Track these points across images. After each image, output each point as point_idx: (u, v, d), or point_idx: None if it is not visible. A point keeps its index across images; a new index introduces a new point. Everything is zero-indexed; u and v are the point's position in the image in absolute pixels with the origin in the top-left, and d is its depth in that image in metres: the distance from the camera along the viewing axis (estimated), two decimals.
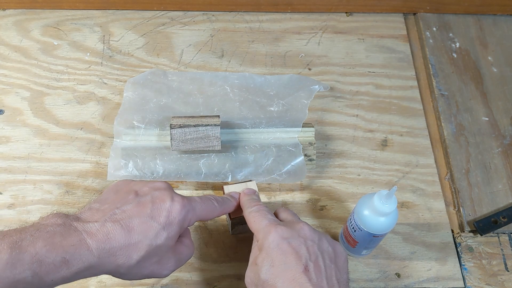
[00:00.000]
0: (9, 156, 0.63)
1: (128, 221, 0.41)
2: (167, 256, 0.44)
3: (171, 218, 0.43)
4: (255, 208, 0.50)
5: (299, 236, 0.45)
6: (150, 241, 0.42)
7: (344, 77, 0.72)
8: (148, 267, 0.43)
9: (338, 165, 0.65)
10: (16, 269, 0.36)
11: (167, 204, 0.44)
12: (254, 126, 0.64)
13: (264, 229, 0.46)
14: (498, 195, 0.64)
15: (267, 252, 0.44)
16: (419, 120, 0.69)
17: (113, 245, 0.40)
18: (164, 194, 0.44)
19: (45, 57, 0.71)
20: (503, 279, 0.58)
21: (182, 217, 0.44)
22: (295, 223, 0.47)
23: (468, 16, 0.79)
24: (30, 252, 0.37)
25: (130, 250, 0.41)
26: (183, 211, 0.44)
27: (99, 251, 0.39)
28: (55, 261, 0.37)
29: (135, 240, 0.41)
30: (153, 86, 0.67)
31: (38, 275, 0.37)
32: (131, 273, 0.43)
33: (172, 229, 0.43)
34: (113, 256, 0.40)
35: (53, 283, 0.38)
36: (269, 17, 0.78)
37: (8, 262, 0.36)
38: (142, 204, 0.43)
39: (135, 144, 0.62)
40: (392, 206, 0.48)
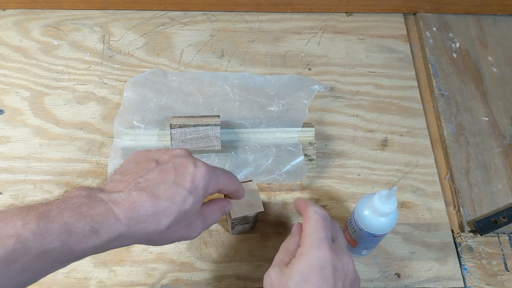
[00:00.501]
0: (9, 156, 0.63)
1: (153, 188, 0.41)
2: (195, 220, 0.44)
3: (196, 183, 0.43)
4: (321, 213, 0.47)
5: (343, 270, 0.44)
6: (178, 206, 0.41)
7: (344, 77, 0.72)
8: (177, 231, 0.43)
9: (338, 165, 0.65)
10: (45, 239, 0.35)
11: (191, 169, 0.43)
12: (254, 126, 0.64)
13: (317, 241, 0.44)
14: (498, 195, 0.64)
15: (307, 265, 0.43)
16: (419, 120, 0.69)
17: (141, 213, 0.40)
18: (186, 161, 0.44)
19: (45, 57, 0.71)
20: (503, 279, 0.58)
21: (206, 182, 0.43)
22: (345, 254, 0.45)
23: (468, 16, 0.79)
24: (58, 222, 0.36)
25: (159, 217, 0.40)
26: (207, 176, 0.44)
27: (127, 219, 0.39)
28: (83, 230, 0.37)
29: (162, 206, 0.41)
30: (153, 86, 0.67)
31: (67, 244, 0.36)
32: (162, 239, 0.42)
33: (197, 194, 0.43)
34: (142, 224, 0.40)
35: (83, 253, 0.38)
36: (269, 17, 0.78)
37: (36, 233, 0.35)
38: (165, 171, 0.43)
39: (135, 144, 0.62)
40: (392, 206, 0.48)
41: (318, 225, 0.45)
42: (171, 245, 0.58)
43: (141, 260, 0.57)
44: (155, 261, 0.57)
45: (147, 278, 0.56)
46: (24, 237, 0.35)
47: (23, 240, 0.35)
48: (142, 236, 0.40)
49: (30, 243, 0.35)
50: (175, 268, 0.57)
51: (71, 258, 0.38)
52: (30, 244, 0.35)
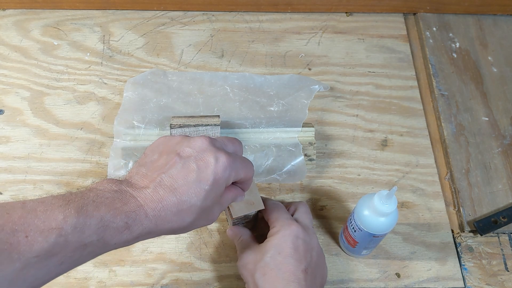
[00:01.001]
0: (9, 156, 0.63)
1: (178, 187, 0.42)
2: (214, 209, 0.46)
3: (217, 178, 0.43)
4: (278, 203, 0.54)
5: (310, 243, 0.50)
6: (201, 203, 0.42)
7: (344, 77, 0.72)
8: (198, 223, 0.45)
9: (338, 165, 0.65)
10: (84, 233, 0.37)
11: (212, 165, 0.43)
12: (254, 126, 0.64)
13: (285, 221, 0.50)
14: (498, 195, 0.64)
15: (280, 239, 0.48)
16: (419, 120, 0.69)
17: (167, 213, 0.41)
18: (207, 155, 0.44)
19: (45, 57, 0.71)
20: (503, 279, 0.58)
21: (227, 175, 0.44)
22: (310, 230, 0.52)
23: (468, 16, 0.79)
24: (96, 217, 0.38)
25: (183, 214, 0.42)
26: (228, 169, 0.44)
27: (156, 218, 0.41)
28: (118, 226, 0.39)
29: (187, 205, 0.42)
30: (153, 86, 0.67)
31: (103, 239, 0.38)
32: (184, 230, 0.44)
33: (219, 188, 0.44)
34: (168, 223, 0.41)
35: (115, 246, 0.39)
36: (269, 17, 0.78)
37: (76, 227, 0.36)
38: (187, 168, 0.43)
39: (135, 144, 0.62)
40: (392, 206, 0.48)
41: (280, 210, 0.52)
42: (171, 245, 0.58)
43: (141, 260, 0.57)
44: (155, 261, 0.57)
45: (147, 278, 0.56)
46: (65, 231, 0.36)
47: (64, 233, 0.36)
48: (167, 231, 0.42)
49: (70, 237, 0.36)
50: (175, 268, 0.57)
51: (104, 251, 0.39)
52: (70, 237, 0.36)
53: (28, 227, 0.35)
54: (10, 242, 0.34)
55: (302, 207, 0.55)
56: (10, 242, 0.33)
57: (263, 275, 0.47)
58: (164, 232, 0.42)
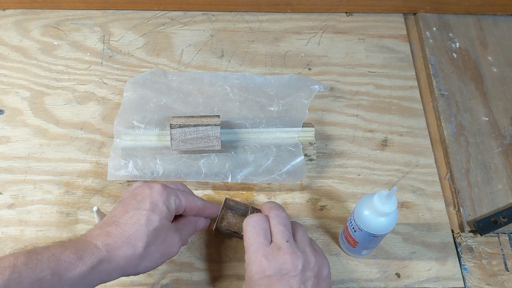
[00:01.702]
0: (9, 156, 0.63)
1: (120, 219, 0.46)
2: (170, 235, 0.48)
3: (154, 201, 0.47)
4: (255, 218, 0.49)
5: (281, 270, 0.44)
6: (146, 227, 0.46)
7: (344, 77, 0.72)
8: (156, 250, 0.47)
9: (338, 165, 0.65)
10: (36, 268, 0.40)
11: (147, 192, 0.48)
12: (254, 126, 0.64)
13: (250, 257, 0.47)
14: (498, 195, 0.64)
15: (248, 283, 0.46)
16: (419, 120, 0.69)
17: (115, 240, 0.44)
18: (142, 188, 0.49)
19: (45, 57, 0.71)
20: (503, 279, 0.58)
21: (164, 197, 0.48)
22: (280, 252, 0.46)
23: (468, 16, 0.79)
24: (46, 253, 0.41)
25: (133, 240, 0.45)
26: (164, 192, 0.48)
27: (105, 246, 0.44)
28: (70, 258, 0.42)
29: (132, 230, 0.45)
30: (153, 86, 0.67)
31: (57, 273, 0.41)
32: (144, 261, 0.46)
33: (160, 210, 0.47)
34: (120, 249, 0.44)
35: (72, 281, 0.42)
36: (269, 17, 0.78)
37: (28, 263, 0.40)
38: (126, 204, 0.48)
39: (135, 144, 0.62)
40: (392, 206, 0.48)
41: (250, 235, 0.48)
42: None
43: None
44: None
45: (147, 278, 0.56)
46: (18, 267, 0.39)
47: (17, 270, 0.39)
48: (124, 261, 0.45)
49: (23, 273, 0.39)
50: (175, 268, 0.57)
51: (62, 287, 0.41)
52: (23, 273, 0.39)
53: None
54: None
55: (276, 218, 0.49)
56: None
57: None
58: (121, 262, 0.44)
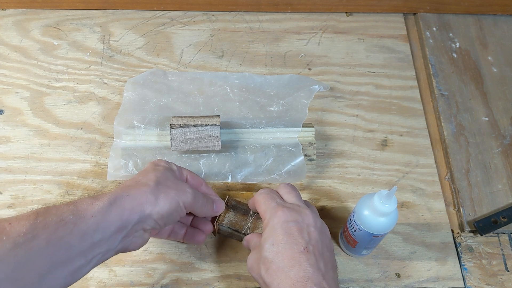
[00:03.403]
0: (9, 156, 0.63)
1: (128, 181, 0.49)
2: (180, 182, 0.50)
3: (156, 162, 0.52)
4: (265, 190, 0.53)
5: (303, 221, 0.48)
6: (152, 172, 0.49)
7: (344, 77, 0.72)
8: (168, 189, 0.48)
9: (338, 165, 0.65)
10: (57, 212, 0.42)
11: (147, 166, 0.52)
12: (254, 126, 0.64)
13: (271, 210, 0.49)
14: (498, 195, 0.64)
15: (270, 231, 0.47)
16: (419, 120, 0.69)
17: (126, 184, 0.47)
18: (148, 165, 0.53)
19: (45, 57, 0.71)
20: (503, 279, 0.58)
21: (164, 162, 0.52)
22: (301, 208, 0.49)
23: (468, 16, 0.79)
24: (63, 204, 0.43)
25: (143, 180, 0.47)
26: (163, 160, 0.53)
27: (119, 188, 0.46)
28: (85, 201, 0.44)
29: (140, 177, 0.49)
30: (153, 86, 0.67)
31: (78, 213, 0.42)
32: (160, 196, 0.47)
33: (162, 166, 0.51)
34: (133, 188, 0.46)
35: (94, 219, 0.43)
36: (269, 17, 0.78)
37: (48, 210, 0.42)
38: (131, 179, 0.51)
39: (135, 144, 0.62)
40: (392, 206, 0.48)
41: (265, 199, 0.51)
42: (171, 245, 0.58)
43: (141, 260, 0.57)
44: (155, 261, 0.57)
45: (147, 278, 0.56)
46: (41, 213, 0.41)
47: (41, 214, 0.41)
48: (140, 196, 0.46)
49: (47, 218, 0.41)
50: (175, 268, 0.57)
51: (85, 229, 0.42)
52: (47, 217, 0.41)
53: (9, 219, 0.40)
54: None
55: (284, 188, 0.53)
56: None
57: (266, 271, 0.46)
58: (137, 197, 0.45)
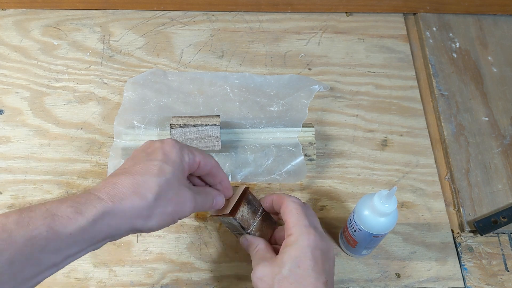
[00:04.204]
0: (9, 156, 0.63)
1: (129, 169, 0.43)
2: (183, 191, 0.44)
3: (166, 153, 0.44)
4: (298, 200, 0.49)
5: (328, 252, 0.47)
6: (156, 176, 0.42)
7: (344, 77, 0.72)
8: (167, 204, 0.43)
9: (338, 165, 0.65)
10: (29, 226, 0.36)
11: (158, 145, 0.45)
12: (254, 126, 0.64)
13: (303, 229, 0.46)
14: (498, 195, 0.64)
15: (299, 251, 0.45)
16: (419, 120, 0.69)
17: (121, 189, 0.40)
18: (152, 142, 0.46)
19: (45, 57, 0.71)
20: (503, 279, 0.58)
21: (177, 150, 0.45)
22: (326, 238, 0.48)
23: (468, 16, 0.79)
24: (41, 209, 0.37)
25: (142, 190, 0.41)
26: (176, 145, 0.45)
27: (110, 197, 0.40)
28: (66, 212, 0.37)
29: (141, 179, 0.41)
30: (153, 86, 0.67)
31: (53, 229, 0.36)
32: (154, 214, 0.42)
33: (173, 162, 0.44)
34: (127, 199, 0.40)
35: (72, 237, 0.37)
36: (269, 17, 0.78)
37: (19, 221, 0.36)
38: (136, 156, 0.45)
39: (135, 144, 0.62)
40: (392, 206, 0.48)
41: (300, 214, 0.48)
42: (171, 245, 0.58)
43: (141, 260, 0.57)
44: (155, 261, 0.57)
45: (147, 278, 0.56)
46: (8, 226, 0.35)
47: (7, 229, 0.35)
48: (132, 212, 0.40)
49: (14, 232, 0.35)
50: (175, 268, 0.57)
51: (61, 245, 0.37)
52: (14, 232, 0.35)
53: None
54: None
55: (309, 209, 0.50)
56: None
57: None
58: (128, 213, 0.40)
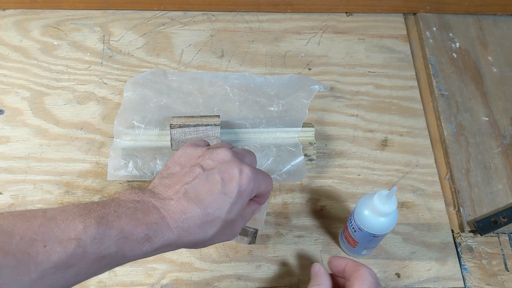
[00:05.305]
0: (9, 156, 0.63)
1: (202, 199, 0.41)
2: (238, 224, 0.45)
3: (241, 190, 0.43)
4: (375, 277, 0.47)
5: None
6: (225, 215, 0.42)
7: (344, 77, 0.72)
8: (221, 237, 0.44)
9: (338, 165, 0.65)
10: (102, 244, 0.36)
11: (237, 178, 0.43)
12: (254, 126, 0.64)
13: None
14: (498, 195, 0.64)
15: None
16: (419, 120, 0.69)
17: (191, 224, 0.40)
18: (231, 167, 0.44)
19: (45, 57, 0.71)
20: (503, 279, 0.58)
21: (251, 188, 0.44)
22: None
23: (468, 16, 0.79)
24: (116, 227, 0.37)
25: (207, 227, 0.41)
26: (252, 182, 0.44)
27: (178, 230, 0.40)
28: (138, 237, 0.38)
29: (211, 217, 0.41)
30: (153, 86, 0.67)
31: (122, 251, 0.37)
32: (205, 244, 0.43)
33: (243, 201, 0.43)
34: (191, 235, 0.41)
35: (134, 258, 0.39)
36: (269, 17, 0.78)
37: (95, 238, 0.36)
38: (211, 180, 0.43)
39: (135, 144, 0.62)
40: (392, 206, 0.48)
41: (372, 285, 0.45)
42: None
43: (141, 260, 0.57)
44: (155, 261, 0.57)
45: (147, 278, 0.56)
46: (84, 242, 0.35)
47: (83, 244, 0.35)
48: (188, 243, 0.42)
49: (88, 248, 0.35)
50: (175, 268, 0.57)
51: (122, 263, 0.38)
52: (88, 249, 0.35)
53: (47, 236, 0.34)
54: (29, 252, 0.33)
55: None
56: (28, 252, 0.33)
57: None
58: (185, 245, 0.42)
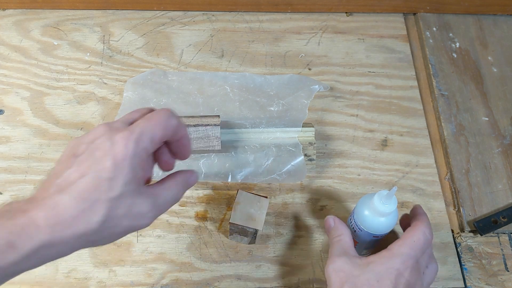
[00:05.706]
0: (9, 156, 0.63)
1: (74, 186, 0.36)
2: (137, 203, 0.38)
3: (117, 162, 0.36)
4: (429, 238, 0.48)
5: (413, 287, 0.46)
6: (106, 195, 0.36)
7: (344, 77, 0.72)
8: (119, 223, 0.37)
9: (338, 165, 0.65)
10: None
11: (107, 150, 0.37)
12: (254, 126, 0.64)
13: (405, 256, 0.46)
14: (498, 195, 0.64)
15: (386, 269, 0.45)
16: (419, 120, 0.69)
17: (65, 217, 0.35)
18: (102, 141, 0.37)
19: (45, 57, 0.71)
20: (503, 279, 0.58)
21: (131, 152, 0.37)
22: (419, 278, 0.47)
23: (468, 16, 0.79)
24: None
25: (87, 215, 0.35)
26: (129, 145, 0.37)
27: (51, 227, 0.34)
28: None
29: (88, 203, 0.35)
30: (153, 86, 0.67)
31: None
32: (103, 236, 0.37)
33: (124, 173, 0.36)
34: (69, 227, 0.35)
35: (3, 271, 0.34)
36: (269, 17, 0.78)
37: None
38: (82, 162, 0.37)
39: None
40: (392, 206, 0.48)
41: (417, 244, 0.47)
42: (171, 245, 0.58)
43: (141, 260, 0.57)
44: (155, 261, 0.57)
45: (147, 278, 0.56)
46: None
47: None
48: (75, 240, 0.36)
49: None
50: (175, 268, 0.57)
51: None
52: None
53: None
54: None
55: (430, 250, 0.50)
56: None
57: None
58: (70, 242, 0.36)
